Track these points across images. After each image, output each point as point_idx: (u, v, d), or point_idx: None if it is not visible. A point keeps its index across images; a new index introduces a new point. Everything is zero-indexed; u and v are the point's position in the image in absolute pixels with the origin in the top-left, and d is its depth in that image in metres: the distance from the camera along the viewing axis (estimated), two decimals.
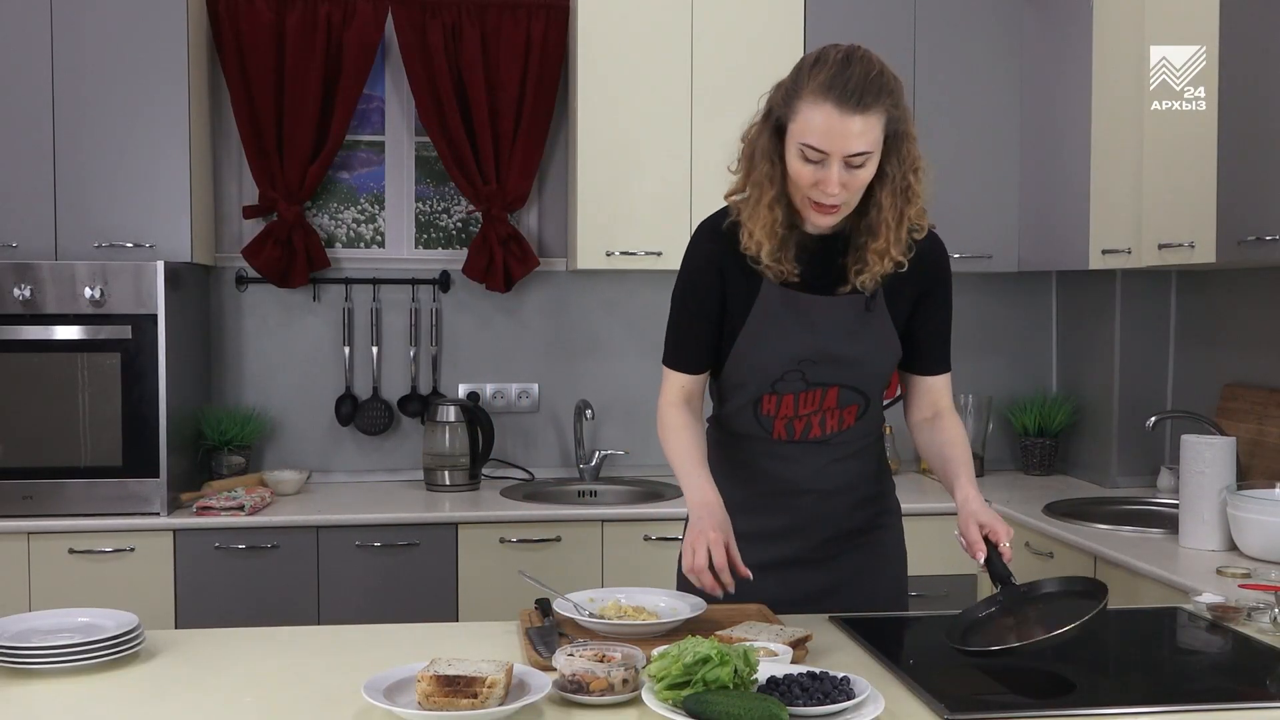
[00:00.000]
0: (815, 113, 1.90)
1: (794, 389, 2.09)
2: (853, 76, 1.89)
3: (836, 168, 1.91)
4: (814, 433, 2.13)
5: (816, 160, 1.91)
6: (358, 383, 4.02)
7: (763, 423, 2.14)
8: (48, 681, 1.77)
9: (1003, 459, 4.22)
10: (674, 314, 2.16)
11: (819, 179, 1.92)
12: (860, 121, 1.88)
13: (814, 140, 1.90)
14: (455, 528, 3.46)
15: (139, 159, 3.52)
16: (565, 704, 1.64)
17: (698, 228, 2.15)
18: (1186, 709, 1.67)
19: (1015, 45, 3.93)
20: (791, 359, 2.07)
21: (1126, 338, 3.81)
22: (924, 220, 2.06)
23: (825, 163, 1.91)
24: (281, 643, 2.00)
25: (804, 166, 1.93)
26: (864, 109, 1.88)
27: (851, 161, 1.91)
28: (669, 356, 2.17)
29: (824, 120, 1.89)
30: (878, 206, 1.99)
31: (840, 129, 1.88)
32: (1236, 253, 2.87)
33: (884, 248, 2.01)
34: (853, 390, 2.12)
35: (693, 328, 2.13)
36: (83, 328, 3.36)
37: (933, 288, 2.14)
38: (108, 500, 3.37)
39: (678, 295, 2.15)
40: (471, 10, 3.85)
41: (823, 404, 2.11)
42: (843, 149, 1.89)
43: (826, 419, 2.13)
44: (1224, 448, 2.87)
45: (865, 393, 2.14)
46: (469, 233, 4.07)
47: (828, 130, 1.89)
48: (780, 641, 1.81)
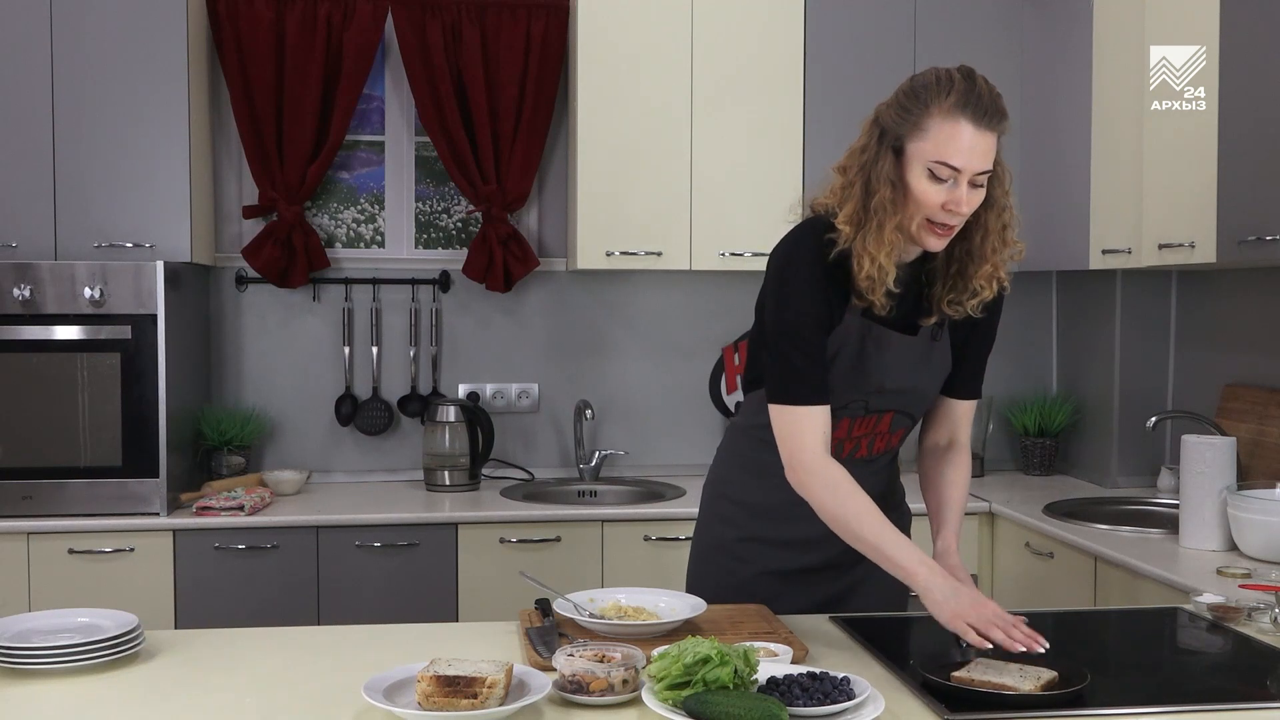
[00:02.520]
0: (950, 128, 1.87)
1: (855, 414, 2.08)
2: (983, 94, 1.90)
3: (965, 187, 1.89)
4: (860, 453, 2.14)
5: (946, 179, 1.89)
6: (358, 383, 4.02)
7: None
8: (48, 681, 1.77)
9: (1003, 459, 4.22)
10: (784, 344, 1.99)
11: (949, 198, 1.89)
12: (992, 139, 1.90)
13: (950, 158, 1.87)
14: (455, 528, 3.46)
15: (139, 159, 3.52)
16: (565, 704, 1.64)
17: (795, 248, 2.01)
18: (1186, 709, 1.67)
19: (1015, 45, 3.93)
20: (861, 391, 2.05)
21: (1126, 338, 3.81)
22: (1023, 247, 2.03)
23: (956, 181, 1.89)
24: (281, 643, 2.00)
25: (932, 186, 1.89)
26: (994, 126, 1.90)
27: (975, 181, 1.90)
28: (799, 394, 1.97)
29: (960, 136, 1.87)
30: (984, 231, 1.97)
31: (978, 145, 1.88)
32: (1236, 253, 2.87)
33: (991, 272, 1.99)
34: (905, 415, 2.14)
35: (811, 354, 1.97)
36: (82, 328, 3.36)
37: (986, 320, 2.13)
38: (107, 500, 3.37)
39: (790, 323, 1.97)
40: (471, 10, 3.85)
41: (876, 428, 2.12)
42: (977, 166, 1.89)
43: (875, 441, 2.14)
44: (1224, 448, 2.87)
45: (915, 416, 2.17)
46: (469, 233, 4.07)
47: (967, 147, 1.87)
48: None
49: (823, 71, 3.80)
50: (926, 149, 1.88)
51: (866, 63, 3.83)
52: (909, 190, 1.91)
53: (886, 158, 1.92)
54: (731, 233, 3.77)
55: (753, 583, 2.20)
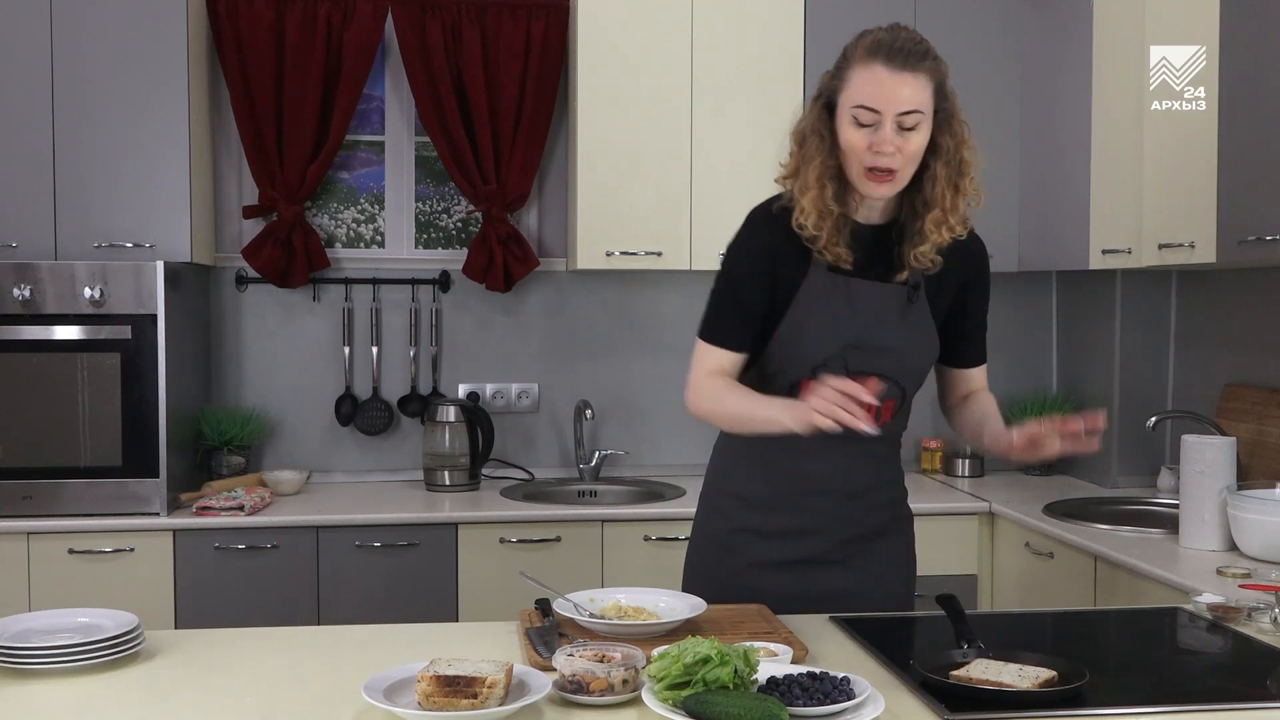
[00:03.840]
0: (866, 73, 1.97)
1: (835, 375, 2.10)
2: (899, 39, 1.98)
3: (890, 127, 1.96)
4: None
5: (870, 123, 1.97)
6: (358, 383, 4.02)
7: None
8: (48, 681, 1.77)
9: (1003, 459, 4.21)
10: (719, 290, 2.15)
11: (873, 141, 1.97)
12: (910, 79, 1.95)
13: (867, 99, 1.96)
14: (455, 528, 3.46)
15: (139, 159, 3.52)
16: (565, 704, 1.64)
17: (751, 212, 2.16)
18: (1186, 709, 1.67)
19: (1015, 45, 3.93)
20: (834, 344, 2.08)
21: (1126, 338, 3.81)
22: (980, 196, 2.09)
23: (878, 124, 1.96)
24: (281, 643, 2.00)
25: (858, 131, 1.98)
26: (911, 68, 1.96)
27: (903, 123, 1.96)
28: (708, 331, 2.15)
29: (874, 78, 1.96)
30: (933, 179, 2.04)
31: (891, 85, 1.95)
32: (1236, 253, 2.87)
33: (941, 217, 2.05)
34: (892, 383, 2.13)
35: (739, 306, 2.12)
36: (82, 328, 3.36)
37: (973, 281, 2.19)
38: (107, 500, 3.37)
39: (725, 273, 2.15)
40: (471, 10, 3.85)
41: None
42: (895, 107, 1.95)
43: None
44: (1224, 448, 2.87)
45: (903, 385, 2.16)
46: (469, 233, 4.07)
47: (879, 87, 1.95)
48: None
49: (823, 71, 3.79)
50: (847, 98, 1.99)
51: None
52: (840, 141, 2.01)
53: (816, 112, 2.05)
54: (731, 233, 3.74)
55: (744, 574, 2.20)
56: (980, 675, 1.71)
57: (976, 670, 1.73)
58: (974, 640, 1.85)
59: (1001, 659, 1.77)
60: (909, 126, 1.97)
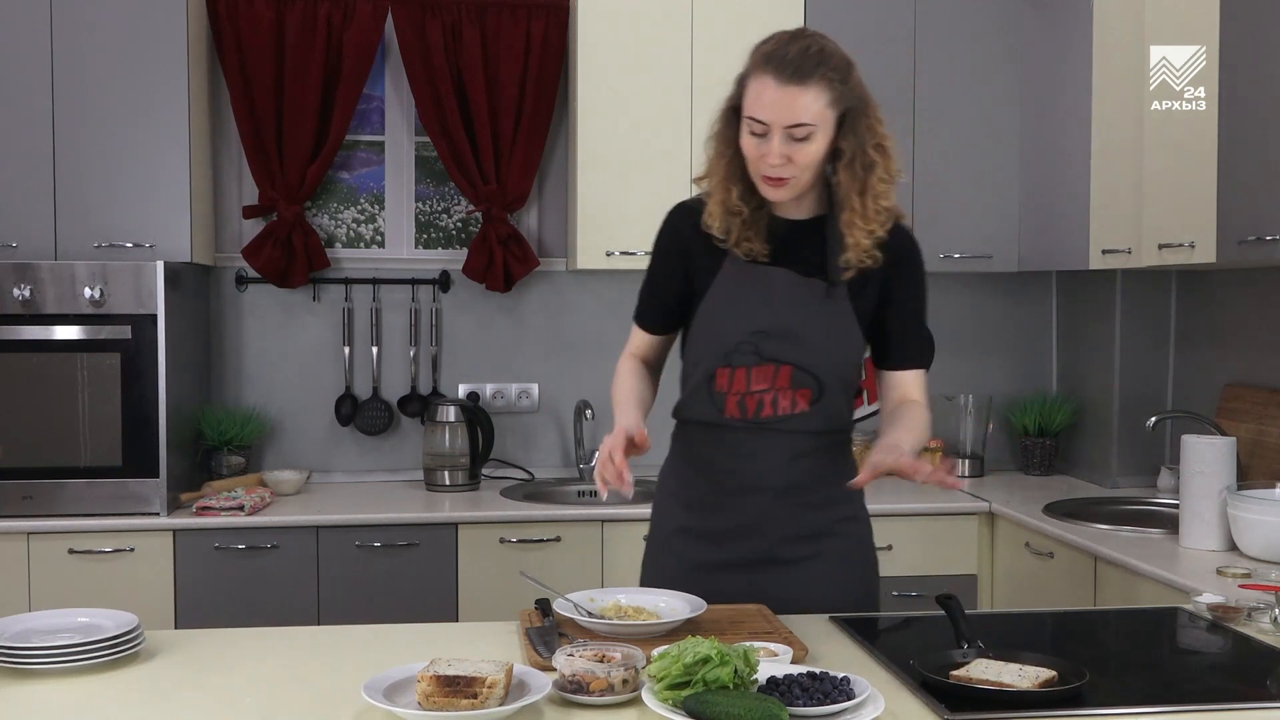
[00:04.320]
0: (758, 85, 2.01)
1: (747, 362, 2.11)
2: (791, 52, 2.01)
3: (778, 140, 1.99)
4: (765, 411, 2.12)
5: (761, 133, 2.01)
6: (358, 383, 4.02)
7: (715, 400, 2.14)
8: (48, 681, 1.77)
9: (1003, 459, 4.22)
10: (645, 277, 2.29)
11: (763, 152, 2.02)
12: (799, 92, 1.98)
13: (756, 112, 2.01)
14: (455, 528, 3.46)
15: (139, 159, 3.52)
16: (565, 704, 1.64)
17: (675, 206, 2.26)
18: (1186, 709, 1.67)
19: (1015, 45, 3.93)
20: (745, 330, 2.10)
21: (1126, 338, 3.81)
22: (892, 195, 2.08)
23: (768, 135, 2.00)
24: (281, 643, 2.00)
25: (751, 140, 2.03)
26: (801, 81, 1.98)
27: (794, 134, 1.99)
28: (636, 313, 2.31)
29: (764, 91, 2.00)
30: (838, 184, 2.07)
31: (779, 99, 1.98)
32: (1236, 253, 2.87)
33: (850, 219, 2.06)
34: (805, 373, 2.11)
35: (654, 290, 2.26)
36: (82, 328, 3.36)
37: (898, 277, 2.16)
38: (107, 500, 3.37)
39: (651, 263, 2.28)
40: (471, 10, 3.86)
41: (775, 382, 2.11)
42: (782, 120, 1.98)
43: (779, 398, 2.12)
44: (1224, 448, 2.87)
45: (819, 378, 2.12)
46: (469, 233, 4.07)
47: (769, 102, 1.99)
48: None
49: None
50: (745, 106, 2.04)
51: (866, 63, 3.77)
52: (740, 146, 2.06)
53: (725, 118, 2.11)
54: None
55: (690, 577, 2.17)
56: (980, 675, 1.71)
57: (976, 670, 1.73)
58: (974, 640, 1.85)
59: (1001, 659, 1.77)
60: (799, 137, 2.00)
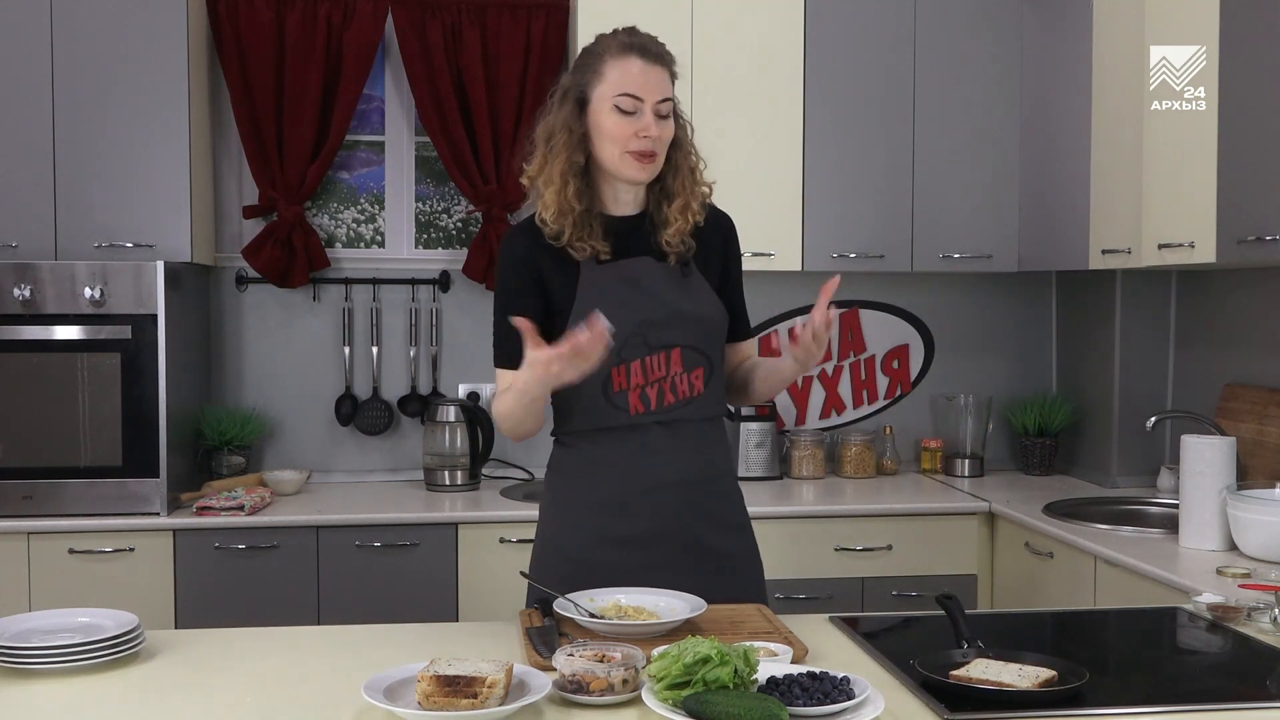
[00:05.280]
0: (626, 65, 2.10)
1: (639, 354, 2.12)
2: (646, 38, 2.14)
3: (650, 114, 2.10)
4: (668, 399, 2.14)
5: (632, 110, 2.09)
6: (358, 383, 4.02)
7: (616, 401, 2.13)
8: (48, 681, 1.78)
9: (1003, 459, 4.22)
10: (497, 316, 2.19)
11: (637, 126, 2.09)
12: (661, 72, 2.12)
13: (630, 88, 2.09)
14: (455, 528, 3.46)
15: (139, 159, 3.52)
16: (565, 704, 1.64)
17: (505, 232, 2.26)
18: (1186, 709, 1.67)
19: (1015, 45, 3.93)
20: (630, 323, 2.11)
21: (1126, 338, 3.81)
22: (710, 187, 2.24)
23: (640, 111, 2.09)
24: (281, 643, 2.00)
25: (621, 119, 2.09)
26: (662, 62, 2.13)
27: (660, 110, 2.11)
28: (500, 357, 2.19)
29: (634, 69, 2.10)
30: (674, 169, 2.18)
31: (651, 76, 2.10)
32: (1236, 253, 2.87)
33: (684, 204, 2.18)
34: (695, 351, 2.16)
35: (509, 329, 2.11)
36: (83, 328, 3.36)
37: (731, 254, 2.30)
38: (107, 500, 3.37)
39: (498, 298, 2.20)
40: (471, 10, 3.86)
41: (669, 367, 2.14)
42: (654, 95, 2.10)
43: (677, 383, 2.15)
44: (1224, 448, 2.87)
45: (706, 353, 2.18)
46: (469, 233, 4.07)
47: (642, 77, 2.09)
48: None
49: (823, 71, 3.80)
50: (608, 89, 2.10)
51: (866, 63, 3.84)
52: (600, 132, 2.11)
53: (566, 109, 2.14)
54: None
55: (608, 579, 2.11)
56: (980, 675, 1.71)
57: (976, 670, 1.73)
58: (974, 640, 1.85)
59: (1001, 659, 1.77)
60: (663, 115, 2.12)
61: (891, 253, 3.87)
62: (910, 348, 4.25)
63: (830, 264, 3.80)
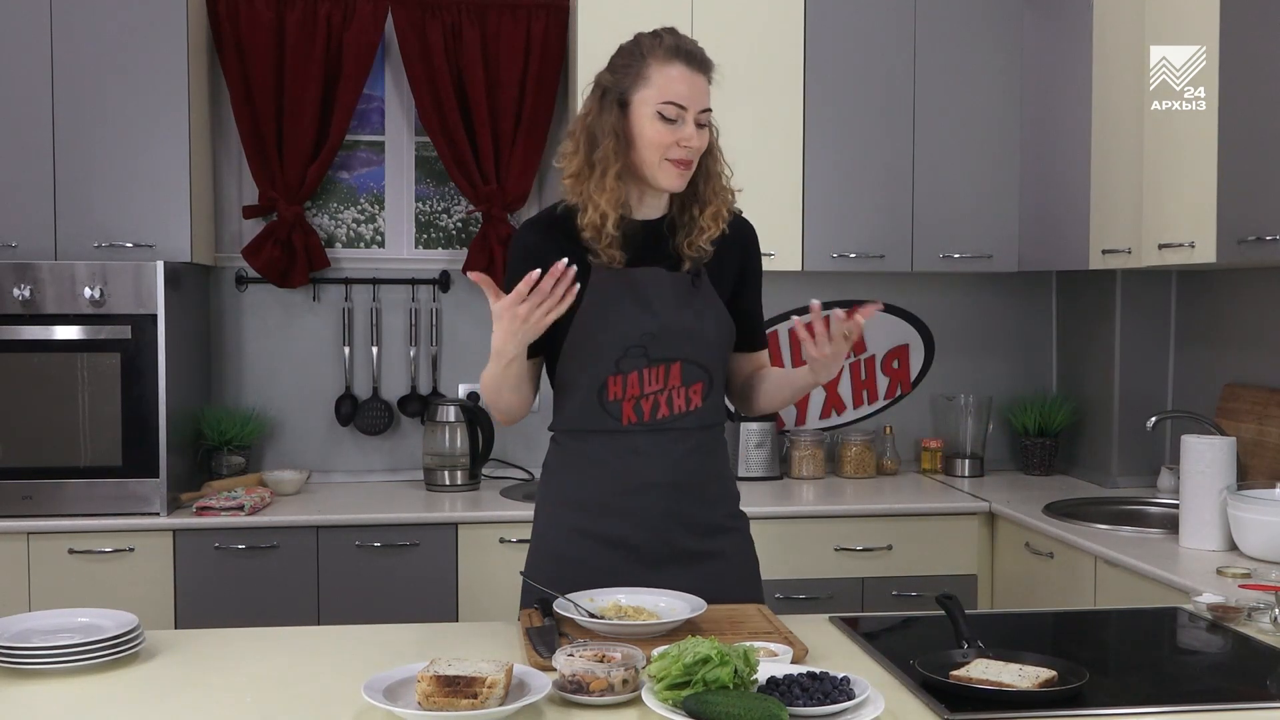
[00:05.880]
0: (671, 71, 2.07)
1: (637, 366, 2.11)
2: (691, 44, 2.11)
3: (692, 124, 2.07)
4: (663, 412, 2.13)
5: (674, 118, 2.06)
6: (358, 383, 4.02)
7: (610, 409, 2.12)
8: (48, 681, 1.77)
9: (1003, 459, 4.22)
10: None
11: (679, 135, 2.07)
12: (704, 81, 2.11)
13: (675, 97, 2.06)
14: (455, 528, 3.46)
15: (139, 159, 3.52)
16: (565, 704, 1.64)
17: (519, 226, 2.24)
18: (1186, 709, 1.67)
19: (1015, 45, 3.93)
20: (631, 335, 2.10)
21: (1126, 338, 3.81)
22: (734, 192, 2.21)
23: (683, 119, 2.07)
24: (281, 643, 2.00)
25: (663, 127, 2.06)
26: (704, 70, 2.11)
27: (699, 120, 2.09)
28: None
29: (679, 77, 2.07)
30: (706, 175, 2.16)
31: (695, 85, 2.08)
32: (1236, 253, 2.87)
33: (718, 210, 2.16)
34: (695, 365, 2.14)
35: None
36: (82, 328, 3.36)
37: (749, 264, 2.28)
38: (107, 500, 3.37)
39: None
40: (471, 10, 3.86)
41: (668, 381, 2.13)
42: (699, 103, 2.08)
43: (674, 397, 2.14)
44: (1224, 448, 2.87)
45: (708, 369, 2.16)
46: (469, 233, 4.07)
47: (687, 85, 2.07)
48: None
49: (823, 71, 3.80)
50: (652, 95, 2.07)
51: (866, 63, 3.84)
52: (640, 137, 2.08)
53: (611, 112, 2.10)
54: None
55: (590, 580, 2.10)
56: (980, 675, 1.71)
57: (976, 670, 1.73)
58: (974, 640, 1.85)
59: (1001, 659, 1.77)
60: (702, 124, 2.09)
61: (891, 253, 3.87)
62: (910, 348, 4.26)
63: (830, 264, 3.81)
